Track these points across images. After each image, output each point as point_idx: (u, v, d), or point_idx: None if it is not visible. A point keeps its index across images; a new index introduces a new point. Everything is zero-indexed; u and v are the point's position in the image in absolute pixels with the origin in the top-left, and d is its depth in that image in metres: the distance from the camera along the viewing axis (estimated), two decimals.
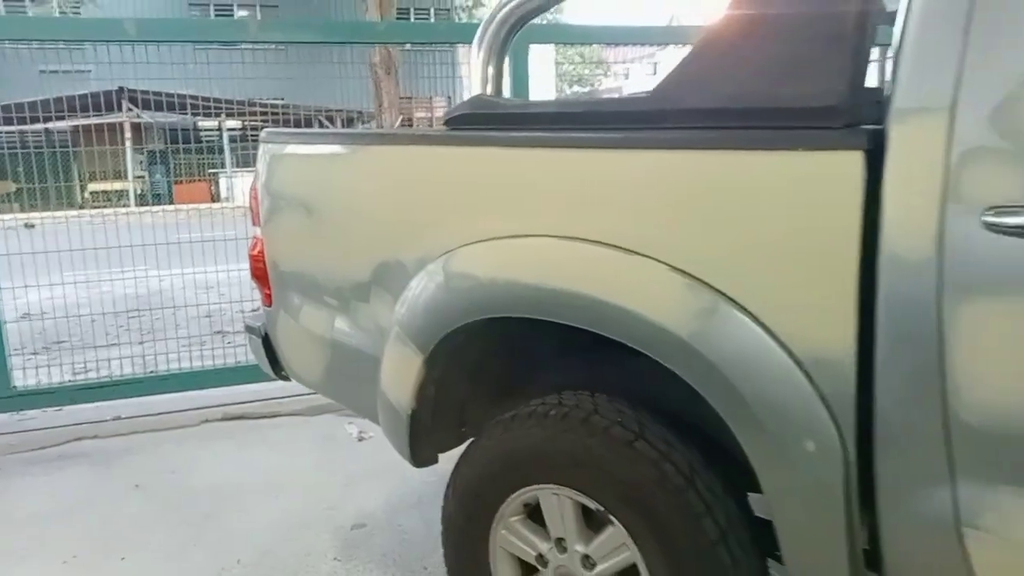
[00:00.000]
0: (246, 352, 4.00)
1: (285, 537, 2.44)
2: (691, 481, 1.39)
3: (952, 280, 1.07)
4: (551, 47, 4.33)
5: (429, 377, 1.69)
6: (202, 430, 3.36)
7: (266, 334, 2.20)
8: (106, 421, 3.42)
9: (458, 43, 3.85)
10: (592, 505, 1.49)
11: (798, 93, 1.21)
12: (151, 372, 3.64)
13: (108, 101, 8.90)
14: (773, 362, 1.23)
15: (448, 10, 18.07)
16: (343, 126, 9.83)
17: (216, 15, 19.80)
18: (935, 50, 1.09)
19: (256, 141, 2.06)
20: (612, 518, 1.46)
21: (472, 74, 1.76)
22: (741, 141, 1.23)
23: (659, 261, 1.31)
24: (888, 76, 1.18)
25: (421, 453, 1.82)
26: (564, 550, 1.57)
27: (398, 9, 14.40)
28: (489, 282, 1.52)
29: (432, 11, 18.96)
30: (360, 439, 3.23)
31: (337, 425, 3.38)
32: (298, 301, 2.03)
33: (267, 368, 2.25)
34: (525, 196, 1.48)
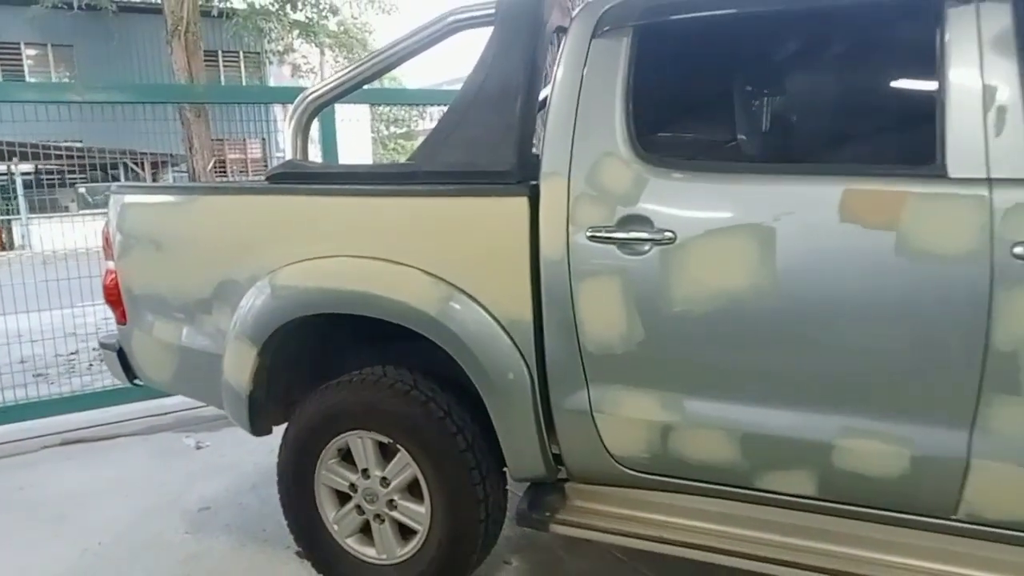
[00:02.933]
0: (82, 384, 4.29)
1: (138, 523, 2.88)
2: (448, 414, 2.12)
3: (575, 269, 1.88)
4: None
5: (262, 365, 2.29)
6: (43, 455, 3.64)
7: (120, 348, 2.68)
8: None
9: (275, 103, 4.39)
10: (385, 440, 2.17)
11: (490, 161, 2.01)
12: None
13: None
14: (487, 326, 1.99)
15: (258, 53, 18.15)
16: (151, 170, 9.81)
17: (0, 53, 18.55)
18: (558, 140, 1.92)
19: (54, 186, 2.52)
20: (399, 447, 2.16)
21: (286, 143, 2.43)
22: (459, 191, 2.01)
23: (415, 268, 2.04)
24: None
25: (259, 426, 2.40)
26: (368, 477, 2.23)
27: (205, 52, 14.35)
28: (304, 289, 2.17)
29: (241, 54, 19.01)
30: (198, 447, 3.68)
31: (175, 439, 3.80)
32: (151, 318, 2.55)
33: (121, 377, 2.72)
34: (325, 230, 2.16)
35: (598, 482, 2.06)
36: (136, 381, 2.71)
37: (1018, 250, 1.49)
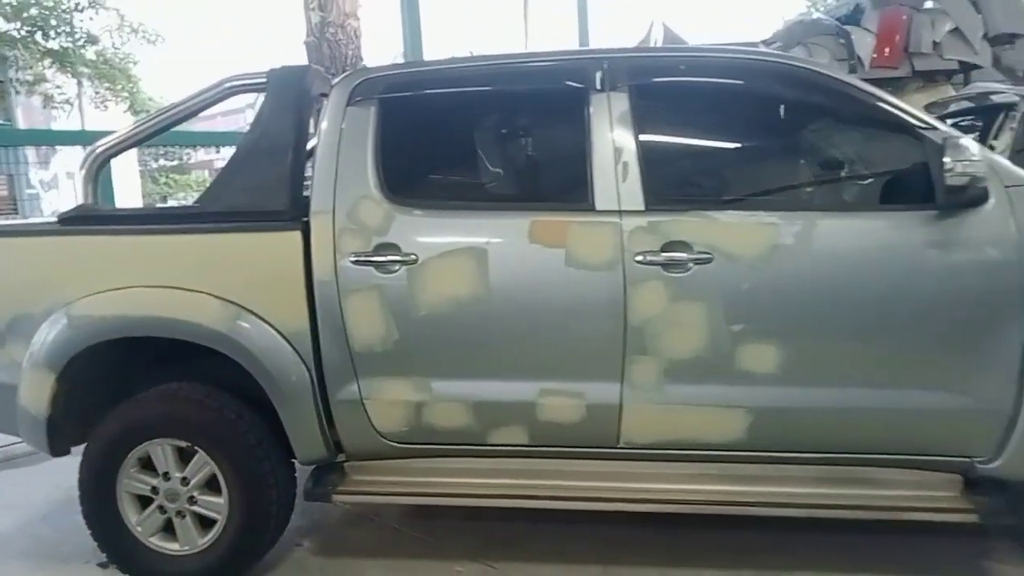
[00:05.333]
0: None
1: None
2: (240, 416, 2.50)
3: (342, 287, 2.38)
4: None
5: (60, 390, 2.53)
6: None
7: None
8: None
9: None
10: (184, 444, 2.51)
11: (267, 202, 2.46)
12: None
13: None
14: (271, 339, 2.43)
15: (2, 82, 16.53)
16: None
17: None
18: (324, 186, 2.42)
19: None
20: (197, 449, 2.50)
21: (77, 190, 2.69)
22: (242, 227, 2.44)
23: (206, 293, 2.43)
24: None
25: (57, 447, 2.62)
26: (169, 479, 2.54)
27: None
28: (101, 318, 2.47)
29: None
30: None
31: None
32: None
33: None
34: (122, 265, 2.48)
35: (371, 457, 2.55)
36: None
37: (638, 258, 2.23)
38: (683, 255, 2.22)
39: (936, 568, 2.49)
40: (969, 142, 2.02)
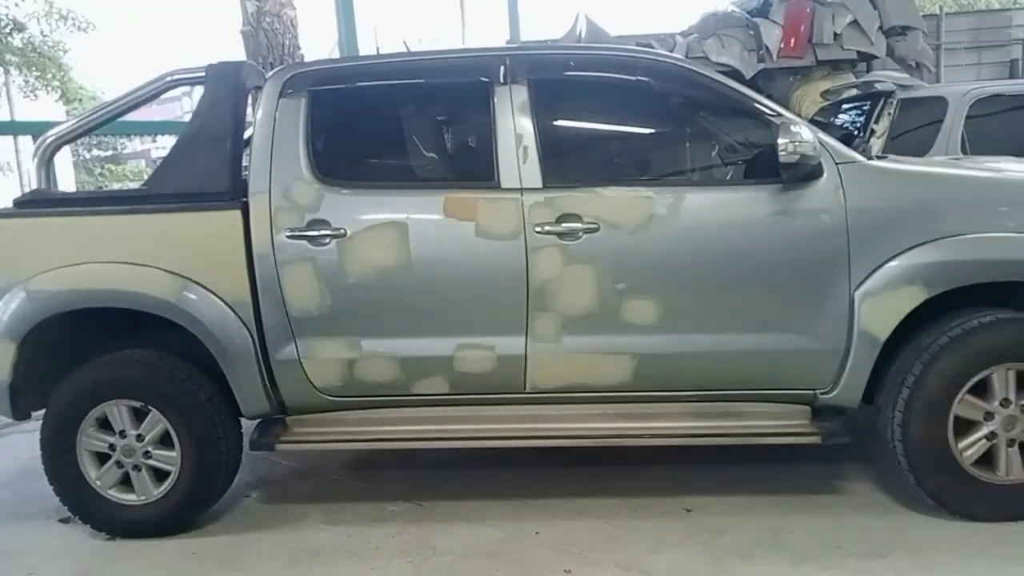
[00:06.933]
0: None
1: None
2: (189, 378, 2.79)
3: (279, 259, 2.69)
4: None
5: (21, 358, 2.78)
6: None
7: None
8: None
9: None
10: (138, 404, 2.79)
11: (211, 185, 2.75)
12: None
13: None
14: (217, 307, 2.72)
15: None
16: None
17: None
18: (261, 169, 2.71)
19: None
20: (150, 408, 2.78)
21: (32, 175, 2.93)
22: (188, 207, 2.73)
23: (156, 267, 2.71)
24: None
25: (19, 411, 2.87)
26: (125, 436, 2.82)
27: None
28: (57, 291, 2.72)
29: None
30: None
31: None
32: None
33: None
34: (74, 243, 2.74)
35: (310, 411, 2.87)
36: None
37: (537, 229, 2.60)
38: (575, 225, 2.59)
39: (797, 489, 2.94)
40: (801, 126, 2.43)
